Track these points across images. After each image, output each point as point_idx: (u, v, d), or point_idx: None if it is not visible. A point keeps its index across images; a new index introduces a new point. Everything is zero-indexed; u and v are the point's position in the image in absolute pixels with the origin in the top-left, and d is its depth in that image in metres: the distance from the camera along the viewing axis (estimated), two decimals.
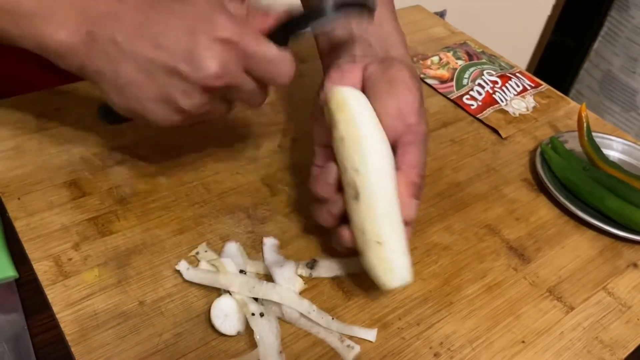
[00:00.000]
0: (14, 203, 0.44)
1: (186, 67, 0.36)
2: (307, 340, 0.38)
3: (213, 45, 0.36)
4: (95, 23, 0.36)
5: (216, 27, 0.36)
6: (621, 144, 0.58)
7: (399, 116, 0.39)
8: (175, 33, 0.36)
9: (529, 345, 0.40)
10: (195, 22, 0.36)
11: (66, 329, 0.37)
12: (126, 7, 0.37)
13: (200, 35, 0.36)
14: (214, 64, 0.36)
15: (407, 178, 0.39)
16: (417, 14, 0.78)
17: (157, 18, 0.36)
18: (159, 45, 0.36)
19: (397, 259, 0.37)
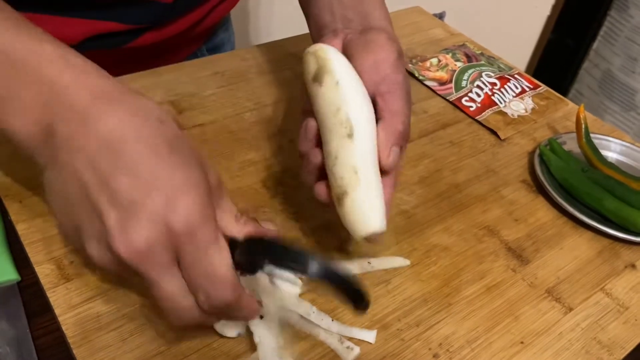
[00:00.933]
0: (15, 206, 0.44)
1: (113, 217, 0.29)
2: (307, 342, 0.39)
3: (155, 222, 0.29)
4: (59, 117, 0.31)
5: (176, 209, 0.29)
6: (619, 145, 0.59)
7: (374, 68, 0.41)
8: (135, 179, 0.29)
9: (527, 346, 0.41)
10: (163, 184, 0.29)
11: (68, 332, 0.37)
12: (104, 112, 0.30)
13: (154, 202, 0.29)
14: (141, 240, 0.29)
15: (388, 126, 0.40)
16: (416, 15, 0.78)
17: (131, 147, 0.30)
18: (107, 181, 0.29)
19: (372, 205, 0.38)
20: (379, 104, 0.40)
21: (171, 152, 0.30)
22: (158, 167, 0.30)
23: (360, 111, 0.39)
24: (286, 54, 0.65)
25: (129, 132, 0.30)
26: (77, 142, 0.30)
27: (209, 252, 0.30)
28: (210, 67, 0.62)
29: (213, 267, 0.30)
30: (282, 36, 0.69)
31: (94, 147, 0.30)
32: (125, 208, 0.29)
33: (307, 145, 0.41)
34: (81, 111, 0.30)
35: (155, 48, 0.60)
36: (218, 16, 0.66)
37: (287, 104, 0.59)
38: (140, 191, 0.29)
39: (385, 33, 0.43)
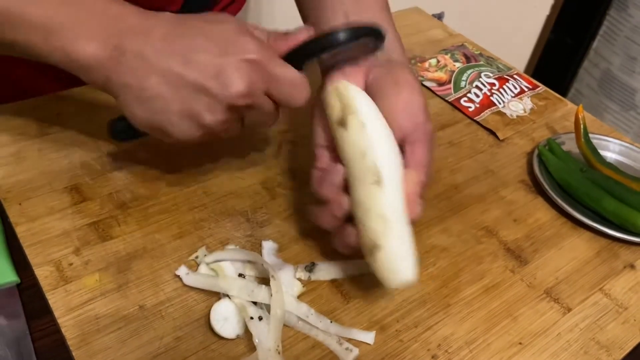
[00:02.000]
0: (15, 208, 0.44)
1: (214, 84, 0.37)
2: (305, 343, 0.39)
3: (241, 65, 0.37)
4: (124, 37, 0.37)
5: (244, 49, 0.38)
6: (618, 145, 0.59)
7: (408, 114, 0.40)
8: (205, 51, 0.37)
9: (526, 347, 0.41)
10: (224, 42, 0.38)
11: (67, 334, 0.37)
12: (156, 23, 0.38)
13: (229, 55, 0.37)
14: (242, 84, 0.37)
15: (416, 176, 0.39)
16: (415, 16, 0.78)
17: (187, 35, 0.38)
18: (188, 61, 0.37)
19: (404, 256, 0.38)
20: (407, 152, 0.39)
21: (208, 21, 0.39)
22: (210, 33, 0.38)
23: (388, 157, 0.38)
24: None
25: (177, 21, 0.38)
26: (147, 49, 0.37)
27: (284, 67, 0.39)
28: None
29: (291, 75, 0.39)
30: None
31: (160, 47, 0.37)
32: (215, 72, 0.37)
33: (332, 191, 0.40)
34: (138, 29, 0.38)
35: None
36: None
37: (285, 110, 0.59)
38: (216, 54, 0.37)
39: (410, 70, 0.42)
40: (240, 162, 0.52)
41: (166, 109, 0.38)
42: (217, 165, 0.51)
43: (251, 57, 0.38)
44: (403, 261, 0.38)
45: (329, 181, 0.40)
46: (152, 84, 0.37)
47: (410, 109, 0.40)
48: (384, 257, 0.37)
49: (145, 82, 0.37)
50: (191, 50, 0.37)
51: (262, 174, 0.51)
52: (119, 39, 0.37)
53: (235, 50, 0.37)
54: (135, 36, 0.37)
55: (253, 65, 0.38)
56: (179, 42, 0.37)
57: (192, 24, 0.39)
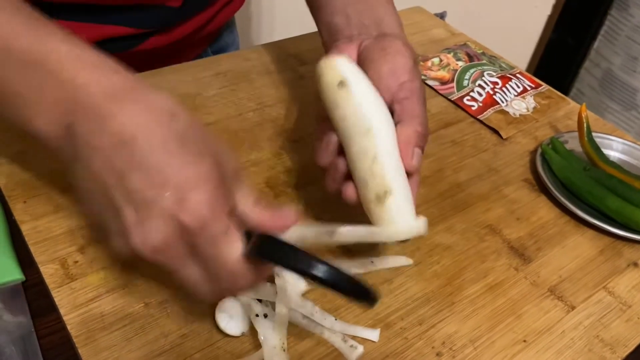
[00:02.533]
0: (20, 206, 0.44)
1: (131, 216, 0.30)
2: (310, 341, 0.39)
3: (169, 219, 0.30)
4: (79, 117, 0.32)
5: (187, 204, 0.30)
6: (621, 144, 0.59)
7: (392, 76, 0.41)
8: (147, 176, 0.30)
9: (530, 344, 0.41)
10: (174, 179, 0.30)
11: (73, 331, 0.37)
12: (118, 110, 0.31)
13: (165, 199, 0.30)
14: (157, 238, 0.30)
15: (408, 128, 0.40)
16: (418, 15, 0.78)
17: (143, 143, 0.30)
18: (122, 178, 0.30)
19: (405, 209, 0.38)
20: (397, 110, 0.41)
21: (182, 146, 0.31)
22: (168, 163, 0.30)
23: (377, 111, 0.40)
24: (288, 55, 0.66)
25: (140, 129, 0.31)
26: (94, 141, 0.31)
27: (220, 245, 0.31)
28: (213, 67, 0.62)
29: (224, 259, 0.31)
30: (283, 37, 0.69)
31: (108, 146, 0.31)
32: (140, 206, 0.30)
33: (329, 157, 0.41)
34: (95, 111, 0.31)
35: (161, 51, 0.60)
36: (223, 19, 0.66)
37: (289, 104, 0.59)
38: (152, 189, 0.30)
39: (400, 40, 0.44)
40: (243, 161, 0.52)
41: (91, 204, 0.33)
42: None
43: (185, 219, 0.30)
44: (411, 212, 0.38)
45: (323, 148, 0.41)
46: (88, 176, 0.32)
47: (394, 70, 0.41)
48: (396, 205, 0.37)
49: (84, 168, 0.32)
50: (133, 169, 0.30)
51: (265, 173, 0.51)
52: (73, 117, 0.32)
53: (176, 196, 0.30)
54: (89, 121, 0.31)
55: (182, 228, 0.30)
56: (129, 151, 0.30)
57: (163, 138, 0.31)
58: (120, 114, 0.31)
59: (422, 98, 0.42)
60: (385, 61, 0.42)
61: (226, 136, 0.54)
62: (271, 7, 1.14)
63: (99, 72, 0.33)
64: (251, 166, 0.51)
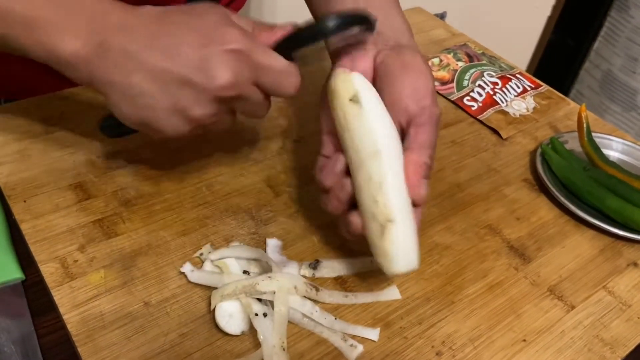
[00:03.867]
0: (20, 206, 0.44)
1: (200, 77, 0.36)
2: (310, 340, 0.39)
3: (225, 56, 0.37)
4: (107, 34, 0.37)
5: (227, 39, 0.37)
6: (621, 144, 0.59)
7: (414, 97, 0.40)
8: (188, 44, 0.37)
9: (530, 344, 0.41)
10: (206, 34, 0.37)
11: (73, 330, 0.37)
12: (138, 20, 0.38)
13: (212, 47, 0.37)
14: (227, 74, 0.37)
15: (418, 158, 0.39)
16: (418, 15, 0.78)
17: (169, 30, 0.37)
18: (172, 55, 0.36)
19: (406, 241, 0.37)
20: (411, 134, 0.39)
21: (191, 14, 0.39)
22: (194, 26, 0.38)
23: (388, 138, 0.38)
24: None
25: (159, 21, 0.38)
26: (131, 46, 0.37)
27: (268, 56, 0.39)
28: None
29: (276, 62, 0.39)
30: None
31: (144, 44, 0.37)
32: (200, 64, 0.36)
33: (334, 179, 0.40)
34: (122, 25, 0.37)
35: None
36: None
37: (289, 104, 0.59)
38: (199, 47, 0.37)
39: (419, 54, 0.42)
40: (244, 160, 0.52)
41: (153, 105, 0.37)
42: (221, 163, 0.51)
43: (235, 47, 0.37)
44: (413, 246, 0.37)
45: (330, 169, 0.40)
46: (137, 80, 0.37)
47: (417, 92, 0.40)
48: (397, 237, 0.37)
49: (130, 78, 0.37)
50: (174, 45, 0.37)
51: (266, 172, 0.51)
52: (103, 36, 0.37)
53: (218, 41, 0.37)
54: (119, 33, 0.37)
55: (237, 55, 0.37)
56: (162, 37, 0.37)
57: (175, 18, 0.38)
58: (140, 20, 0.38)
59: (438, 126, 0.41)
60: (408, 80, 0.40)
61: (227, 136, 0.54)
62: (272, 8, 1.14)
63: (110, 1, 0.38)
64: (251, 165, 0.51)
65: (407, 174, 0.38)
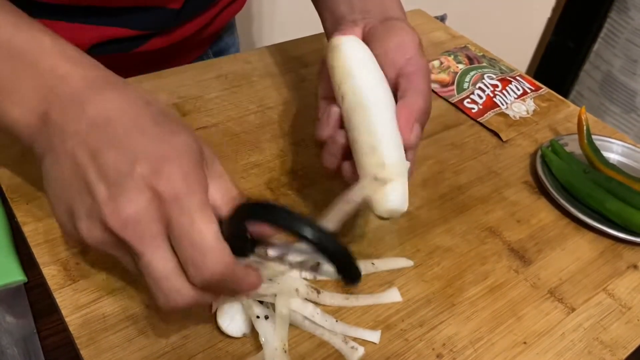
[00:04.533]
0: (22, 208, 0.44)
1: (103, 192, 0.30)
2: (312, 342, 0.39)
3: (143, 191, 0.30)
4: (55, 105, 0.32)
5: (161, 175, 0.30)
6: (621, 146, 0.59)
7: (399, 50, 0.42)
8: (121, 152, 0.30)
9: (530, 346, 0.41)
10: (149, 154, 0.30)
11: (75, 332, 0.37)
12: (94, 96, 0.32)
13: (139, 171, 0.30)
14: (130, 209, 0.29)
15: (411, 102, 0.40)
16: (418, 18, 0.79)
17: (118, 124, 0.31)
18: (95, 157, 0.31)
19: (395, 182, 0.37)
20: (402, 84, 0.41)
21: (156, 125, 0.32)
22: (143, 139, 0.31)
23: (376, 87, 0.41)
24: (289, 57, 0.66)
25: (116, 112, 0.32)
26: (70, 126, 0.32)
27: (196, 220, 0.30)
28: (214, 69, 0.62)
29: (200, 235, 0.30)
30: (284, 39, 0.69)
31: (84, 128, 0.31)
32: (114, 180, 0.30)
33: (329, 130, 0.41)
34: (74, 98, 0.32)
35: (162, 53, 0.60)
36: (224, 20, 0.66)
37: (290, 106, 0.59)
38: (126, 162, 0.30)
39: (406, 23, 0.45)
40: (244, 163, 0.52)
41: (60, 195, 0.32)
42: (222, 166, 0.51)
43: (160, 189, 0.30)
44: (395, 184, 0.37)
45: (324, 121, 0.41)
46: (60, 163, 0.32)
47: (401, 46, 0.42)
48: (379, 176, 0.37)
49: (55, 157, 0.32)
50: (108, 148, 0.31)
51: (266, 175, 0.51)
52: (49, 106, 0.32)
53: (150, 169, 0.30)
54: (66, 108, 0.32)
55: (156, 199, 0.30)
56: (104, 132, 0.31)
57: (137, 119, 0.32)
58: (97, 100, 0.32)
59: (428, 75, 0.42)
60: (392, 37, 0.42)
61: (227, 138, 0.54)
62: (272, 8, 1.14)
63: (80, 66, 0.34)
64: (252, 168, 0.51)
65: (399, 119, 0.39)
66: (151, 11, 0.56)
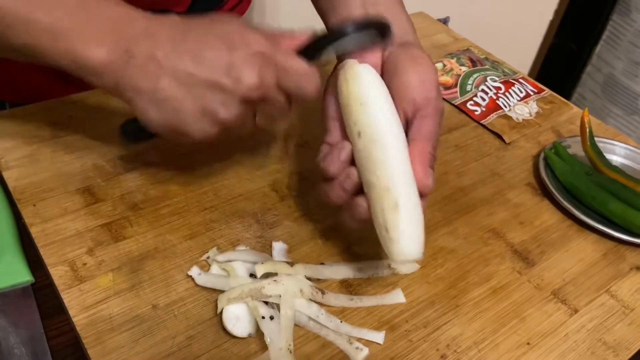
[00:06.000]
0: (29, 210, 0.45)
1: (227, 79, 0.37)
2: (316, 343, 0.39)
3: (250, 59, 0.38)
4: (133, 40, 0.38)
5: (250, 43, 0.38)
6: (623, 148, 0.59)
7: (421, 89, 0.41)
8: (213, 48, 0.38)
9: (534, 347, 0.41)
10: (230, 39, 0.38)
11: (82, 332, 0.38)
12: (162, 27, 0.39)
13: (237, 50, 0.38)
14: (252, 76, 0.38)
15: (424, 149, 0.40)
16: (421, 20, 0.79)
17: (193, 35, 0.38)
18: (198, 59, 0.37)
19: (412, 227, 0.37)
20: (415, 125, 0.40)
21: (214, 22, 0.40)
22: (216, 33, 0.39)
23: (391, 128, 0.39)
24: None
25: (183, 26, 0.39)
26: (157, 52, 0.37)
27: (290, 59, 0.39)
28: None
29: (298, 65, 0.39)
30: None
31: (170, 49, 0.38)
32: (227, 69, 0.37)
33: (339, 167, 0.40)
34: (147, 33, 0.38)
35: None
36: None
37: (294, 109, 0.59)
38: (224, 53, 0.38)
39: (423, 50, 0.44)
40: (249, 164, 0.52)
41: (181, 109, 0.38)
42: (227, 168, 0.51)
43: (259, 50, 0.38)
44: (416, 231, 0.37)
45: (335, 157, 0.40)
46: (164, 85, 0.38)
47: (423, 84, 0.41)
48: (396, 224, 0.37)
49: (157, 83, 0.38)
50: (200, 49, 0.38)
51: (271, 176, 0.51)
52: (128, 43, 0.38)
53: (242, 45, 0.38)
54: (144, 39, 0.38)
55: (261, 58, 0.38)
56: (187, 42, 0.38)
57: (197, 25, 0.39)
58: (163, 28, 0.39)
59: (441, 120, 0.42)
60: (415, 73, 0.41)
61: (234, 140, 0.54)
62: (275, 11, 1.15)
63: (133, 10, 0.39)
64: (256, 170, 0.52)
65: (414, 164, 0.39)
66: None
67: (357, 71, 0.40)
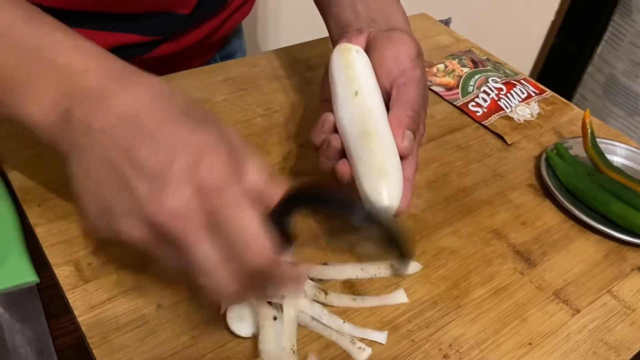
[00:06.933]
0: (34, 210, 0.45)
1: (145, 187, 0.29)
2: (319, 343, 0.40)
3: (185, 183, 0.29)
4: (76, 100, 0.31)
5: (202, 167, 0.29)
6: (625, 149, 0.59)
7: (394, 61, 0.44)
8: (157, 145, 0.30)
9: (535, 347, 0.42)
10: (186, 145, 0.30)
11: (87, 332, 0.38)
12: (120, 93, 0.31)
13: (179, 164, 0.29)
14: (174, 202, 0.29)
15: (400, 111, 0.42)
16: (422, 22, 0.79)
17: (148, 117, 0.31)
18: (129, 150, 0.30)
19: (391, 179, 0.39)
20: (393, 95, 0.43)
21: (186, 115, 0.31)
22: (176, 130, 0.30)
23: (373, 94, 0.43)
24: (295, 60, 0.67)
25: (143, 105, 0.31)
26: (96, 122, 0.31)
27: (239, 208, 0.29)
28: (221, 73, 0.63)
29: (244, 224, 0.29)
30: (289, 43, 0.70)
31: (111, 125, 0.30)
32: (153, 176, 0.29)
33: (323, 135, 0.43)
34: (97, 93, 0.31)
35: (171, 58, 0.61)
36: (231, 26, 0.67)
37: (296, 109, 0.60)
38: (164, 157, 0.29)
39: (407, 33, 0.46)
40: None
41: (92, 194, 0.31)
42: None
43: (205, 179, 0.29)
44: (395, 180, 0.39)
45: (318, 128, 0.43)
46: (89, 161, 0.31)
47: (397, 57, 0.44)
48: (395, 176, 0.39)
49: (83, 155, 0.31)
50: (141, 142, 0.30)
51: None
52: (70, 102, 0.31)
53: (192, 160, 0.29)
54: (89, 103, 0.31)
55: (205, 192, 0.29)
56: (133, 126, 0.30)
57: (166, 105, 0.31)
58: (122, 93, 0.31)
59: (420, 87, 0.44)
60: (390, 47, 0.44)
61: None
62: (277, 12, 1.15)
63: (98, 59, 0.33)
64: None
65: (391, 128, 0.41)
66: (161, 17, 0.56)
67: (347, 46, 0.45)
